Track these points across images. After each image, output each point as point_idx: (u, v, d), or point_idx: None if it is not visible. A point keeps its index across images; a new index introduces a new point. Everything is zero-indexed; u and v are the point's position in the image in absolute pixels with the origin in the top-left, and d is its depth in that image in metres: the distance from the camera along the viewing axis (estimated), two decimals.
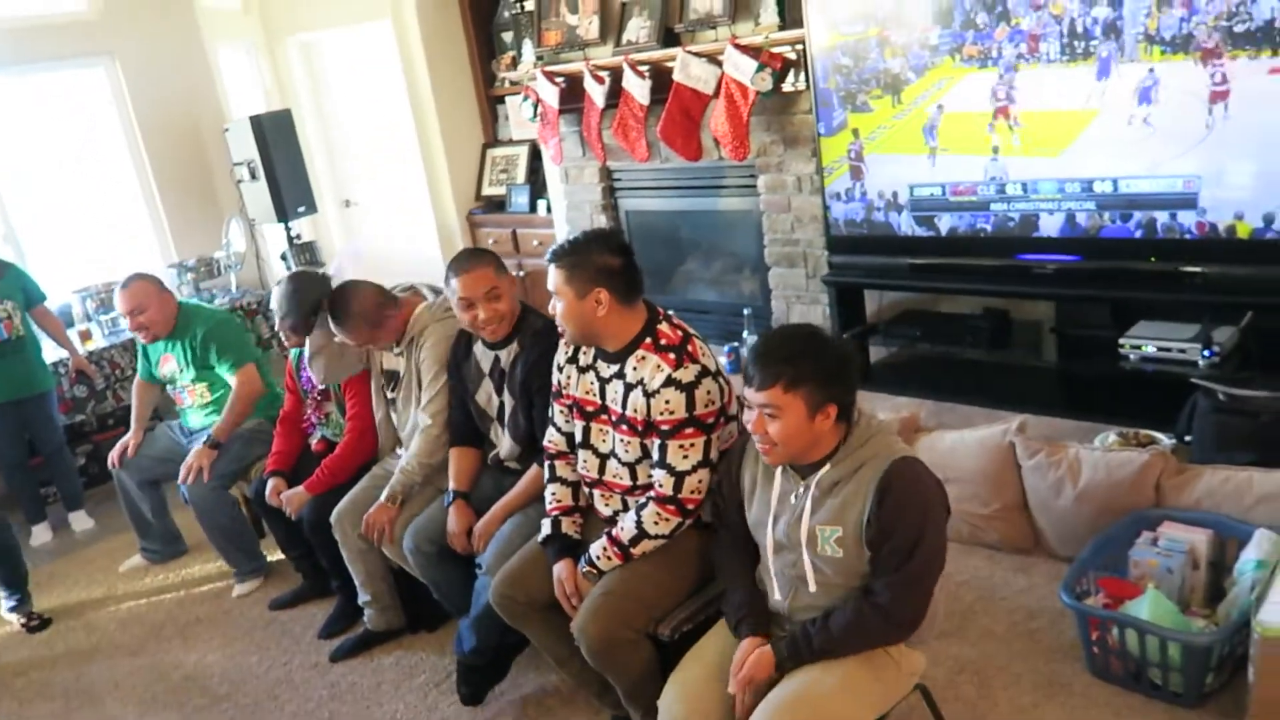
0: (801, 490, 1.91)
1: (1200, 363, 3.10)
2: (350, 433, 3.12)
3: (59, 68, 5.20)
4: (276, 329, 3.34)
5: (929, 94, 3.36)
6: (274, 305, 3.16)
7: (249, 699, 2.96)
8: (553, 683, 2.75)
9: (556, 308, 2.19)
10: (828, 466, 1.88)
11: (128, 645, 3.38)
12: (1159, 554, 2.46)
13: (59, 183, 5.38)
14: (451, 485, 2.75)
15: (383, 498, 2.83)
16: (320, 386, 3.22)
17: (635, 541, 2.17)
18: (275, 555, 3.63)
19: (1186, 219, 3.00)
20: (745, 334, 4.36)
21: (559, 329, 2.25)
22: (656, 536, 2.17)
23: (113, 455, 3.70)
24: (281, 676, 3.04)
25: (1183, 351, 3.15)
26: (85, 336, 4.73)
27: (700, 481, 2.14)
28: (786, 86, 3.79)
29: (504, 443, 2.72)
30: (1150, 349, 3.22)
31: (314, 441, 3.33)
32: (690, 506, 2.15)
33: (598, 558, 2.21)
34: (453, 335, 2.83)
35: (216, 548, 3.60)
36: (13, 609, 3.62)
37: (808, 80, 3.67)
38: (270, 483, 3.21)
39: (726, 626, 2.03)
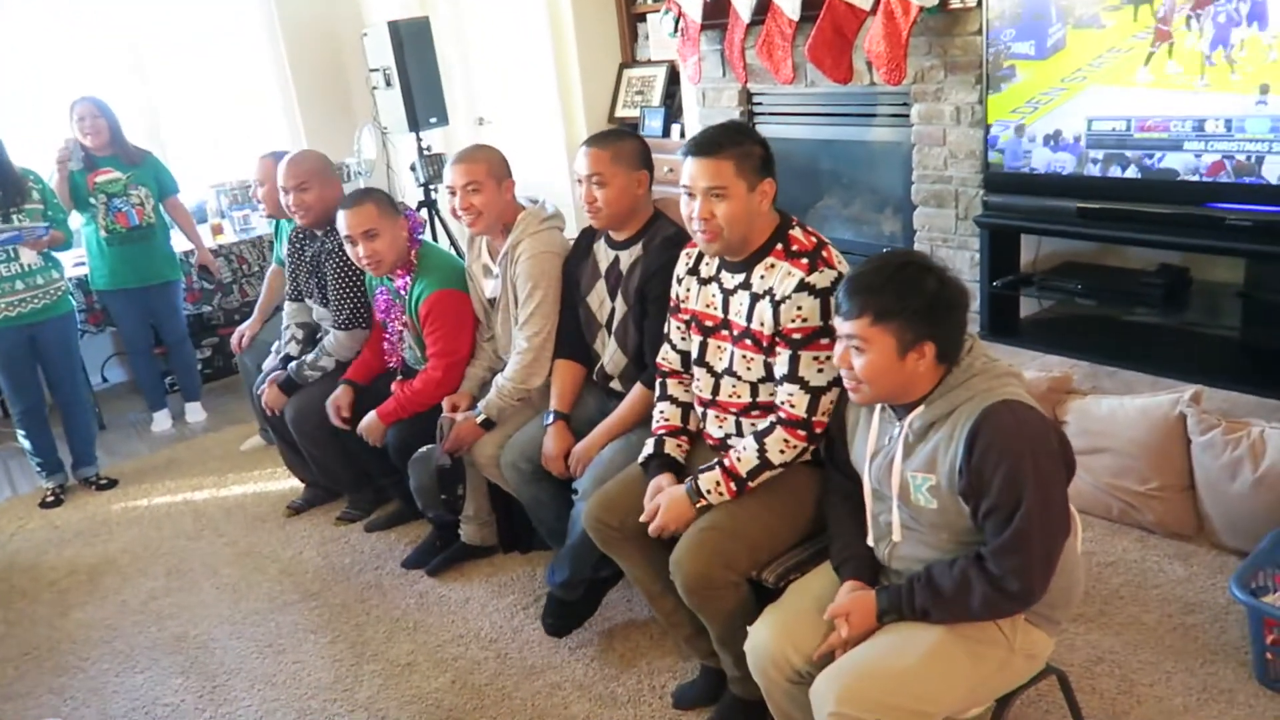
0: (896, 431, 1.69)
1: None
2: (433, 369, 2.86)
3: None
4: None
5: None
6: None
7: (338, 600, 2.93)
8: (641, 619, 2.60)
9: (718, 209, 1.95)
10: (922, 407, 1.65)
11: (230, 534, 3.41)
12: None
13: (201, 80, 5.46)
14: (553, 404, 2.59)
15: (475, 414, 2.71)
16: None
17: (755, 473, 1.96)
18: None
19: None
20: None
21: (706, 234, 1.98)
22: (779, 466, 1.96)
23: (233, 342, 3.80)
24: (371, 581, 3.00)
25: None
26: (217, 230, 4.83)
27: (832, 403, 1.92)
28: (954, 3, 3.42)
29: (609, 352, 2.54)
30: None
31: (392, 360, 3.10)
32: (819, 431, 1.94)
33: (708, 491, 1.98)
34: (554, 248, 2.65)
35: None
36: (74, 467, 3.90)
37: None
38: (339, 389, 3.06)
39: (832, 569, 1.85)
